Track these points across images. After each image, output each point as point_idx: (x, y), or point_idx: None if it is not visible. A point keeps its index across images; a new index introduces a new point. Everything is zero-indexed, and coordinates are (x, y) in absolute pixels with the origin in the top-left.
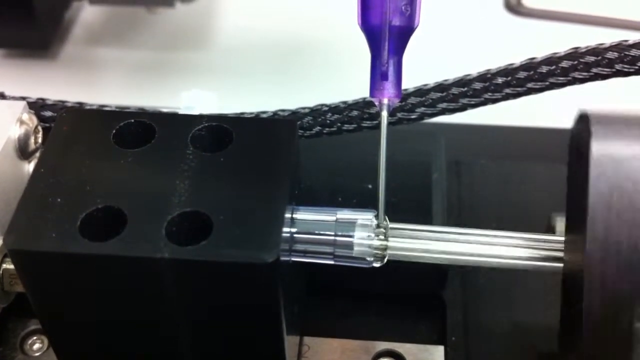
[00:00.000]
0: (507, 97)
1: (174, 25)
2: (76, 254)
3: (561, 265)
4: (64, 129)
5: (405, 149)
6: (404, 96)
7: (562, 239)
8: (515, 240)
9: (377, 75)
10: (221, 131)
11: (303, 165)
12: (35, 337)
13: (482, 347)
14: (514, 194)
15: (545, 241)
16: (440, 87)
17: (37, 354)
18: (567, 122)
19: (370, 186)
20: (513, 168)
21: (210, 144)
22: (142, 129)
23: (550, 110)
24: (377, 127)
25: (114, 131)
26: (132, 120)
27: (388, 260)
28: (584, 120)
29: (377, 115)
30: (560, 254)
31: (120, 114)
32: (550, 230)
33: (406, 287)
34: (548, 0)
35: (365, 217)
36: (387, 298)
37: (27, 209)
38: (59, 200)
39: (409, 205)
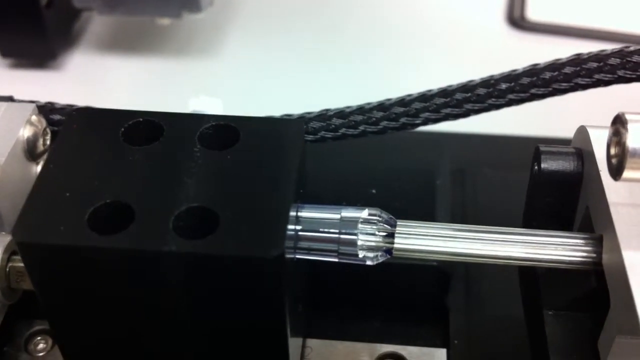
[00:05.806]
0: (510, 102)
1: (181, 36)
2: (84, 246)
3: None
4: (73, 127)
5: (409, 158)
6: (408, 101)
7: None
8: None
9: None
10: (228, 130)
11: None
12: (39, 337)
13: (485, 351)
14: (517, 203)
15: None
16: (444, 92)
17: (41, 354)
18: (569, 132)
19: (374, 191)
20: (516, 177)
21: (218, 142)
22: (150, 128)
23: (554, 119)
24: (381, 132)
25: (122, 129)
26: (141, 119)
27: (392, 261)
28: None
29: (381, 120)
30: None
31: (129, 113)
32: None
33: (409, 290)
34: (552, 13)
35: (369, 215)
36: (391, 301)
37: (36, 203)
38: (67, 194)
39: (413, 214)
